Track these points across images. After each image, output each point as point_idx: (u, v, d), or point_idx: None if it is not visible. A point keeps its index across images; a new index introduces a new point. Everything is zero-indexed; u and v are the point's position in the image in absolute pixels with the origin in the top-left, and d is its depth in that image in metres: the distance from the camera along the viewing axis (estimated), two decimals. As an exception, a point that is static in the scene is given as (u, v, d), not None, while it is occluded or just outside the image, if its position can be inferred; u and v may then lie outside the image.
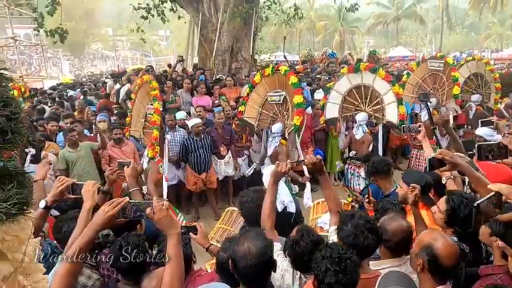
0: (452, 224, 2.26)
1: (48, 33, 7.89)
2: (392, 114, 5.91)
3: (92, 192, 2.11)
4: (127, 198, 1.76)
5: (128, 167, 2.78)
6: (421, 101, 5.72)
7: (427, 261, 1.79)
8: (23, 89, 5.85)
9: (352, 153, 6.15)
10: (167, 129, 5.95)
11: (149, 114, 5.33)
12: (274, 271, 1.82)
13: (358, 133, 6.03)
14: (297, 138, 5.63)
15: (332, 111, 6.44)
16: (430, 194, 2.98)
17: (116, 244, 2.11)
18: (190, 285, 2.09)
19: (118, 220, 1.74)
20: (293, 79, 5.60)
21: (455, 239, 2.17)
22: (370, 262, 2.15)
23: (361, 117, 5.96)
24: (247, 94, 6.30)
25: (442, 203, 2.33)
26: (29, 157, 3.90)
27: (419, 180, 2.80)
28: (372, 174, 3.48)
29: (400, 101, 5.90)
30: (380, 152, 5.99)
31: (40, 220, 2.29)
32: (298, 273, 2.11)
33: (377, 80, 5.99)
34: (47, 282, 1.08)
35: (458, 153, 2.84)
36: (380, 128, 6.07)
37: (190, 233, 2.42)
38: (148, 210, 1.71)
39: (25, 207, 0.94)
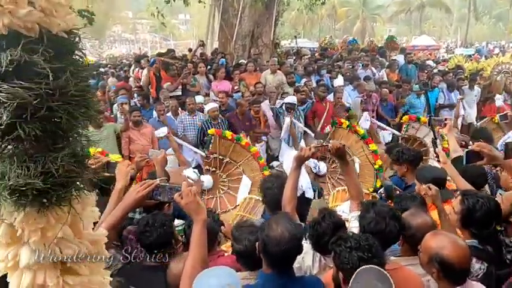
0: (468, 226, 2.15)
1: (77, 14, 7.94)
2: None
3: (125, 173, 2.14)
4: (158, 181, 1.80)
5: (157, 156, 2.88)
6: (421, 89, 5.68)
7: (441, 270, 1.72)
8: None
9: None
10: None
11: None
12: (300, 253, 1.85)
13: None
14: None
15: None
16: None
17: (143, 220, 2.17)
18: (212, 264, 2.13)
19: (148, 201, 1.77)
20: (372, 147, 5.70)
21: (476, 242, 2.09)
22: (391, 258, 2.12)
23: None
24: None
25: (456, 204, 2.23)
26: None
27: (433, 176, 2.77)
28: (400, 160, 3.43)
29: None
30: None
31: None
32: (318, 255, 2.13)
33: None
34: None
35: None
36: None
37: (222, 227, 2.48)
38: (176, 195, 1.73)
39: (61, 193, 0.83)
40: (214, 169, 5.21)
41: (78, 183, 0.86)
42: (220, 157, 5.26)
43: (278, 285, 1.76)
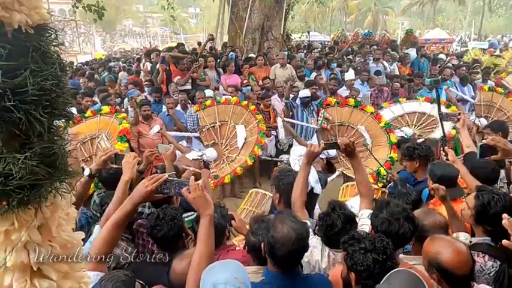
0: (482, 222, 2.11)
1: (87, 8, 7.98)
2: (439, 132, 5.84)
3: (131, 165, 2.17)
4: (166, 175, 1.81)
5: (167, 151, 2.89)
6: (432, 87, 5.67)
7: (440, 275, 1.67)
8: None
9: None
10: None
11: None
12: (307, 251, 1.83)
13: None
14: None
15: (385, 116, 6.32)
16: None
17: (154, 214, 2.20)
18: (222, 258, 2.14)
19: (156, 195, 1.79)
20: (369, 109, 5.85)
21: (489, 239, 2.04)
22: (401, 256, 2.10)
23: (408, 131, 5.88)
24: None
25: (471, 199, 2.18)
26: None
27: (444, 173, 2.73)
28: (413, 156, 3.38)
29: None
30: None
31: (84, 188, 2.39)
32: (327, 249, 2.12)
33: (434, 106, 5.88)
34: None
35: None
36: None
37: (232, 221, 2.47)
38: (184, 189, 1.75)
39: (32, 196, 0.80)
40: (213, 141, 5.39)
41: (46, 185, 0.82)
42: (212, 125, 5.55)
43: (284, 285, 1.75)
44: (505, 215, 1.59)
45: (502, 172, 3.20)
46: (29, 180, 0.77)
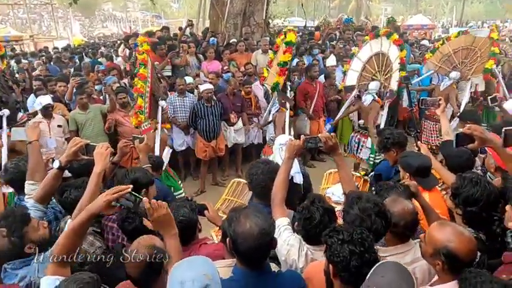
0: (457, 202, 2.13)
1: None
2: (394, 82, 5.84)
3: (104, 156, 2.10)
4: (130, 188, 1.76)
5: (140, 142, 2.79)
6: (402, 83, 5.73)
7: (446, 262, 1.64)
8: None
9: (361, 122, 6.01)
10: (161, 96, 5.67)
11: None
12: (274, 248, 1.77)
13: (367, 99, 5.73)
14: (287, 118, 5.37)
15: (351, 79, 6.23)
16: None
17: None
18: (194, 254, 2.07)
19: (112, 207, 1.75)
20: (290, 36, 5.50)
21: (471, 230, 2.03)
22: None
23: (373, 85, 5.69)
24: (271, 60, 6.15)
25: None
26: (4, 119, 3.95)
27: (417, 164, 2.70)
28: (388, 146, 3.35)
29: (403, 66, 5.77)
30: (382, 125, 5.85)
31: (54, 180, 2.30)
32: (305, 248, 2.07)
33: (391, 46, 5.81)
34: None
35: None
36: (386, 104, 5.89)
37: (205, 212, 2.40)
38: (146, 203, 1.73)
39: None
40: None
41: None
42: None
43: (253, 282, 1.69)
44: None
45: (478, 160, 3.21)
46: None
